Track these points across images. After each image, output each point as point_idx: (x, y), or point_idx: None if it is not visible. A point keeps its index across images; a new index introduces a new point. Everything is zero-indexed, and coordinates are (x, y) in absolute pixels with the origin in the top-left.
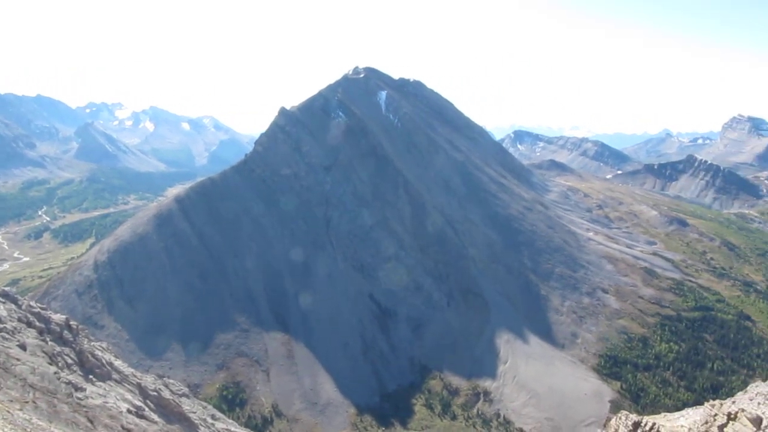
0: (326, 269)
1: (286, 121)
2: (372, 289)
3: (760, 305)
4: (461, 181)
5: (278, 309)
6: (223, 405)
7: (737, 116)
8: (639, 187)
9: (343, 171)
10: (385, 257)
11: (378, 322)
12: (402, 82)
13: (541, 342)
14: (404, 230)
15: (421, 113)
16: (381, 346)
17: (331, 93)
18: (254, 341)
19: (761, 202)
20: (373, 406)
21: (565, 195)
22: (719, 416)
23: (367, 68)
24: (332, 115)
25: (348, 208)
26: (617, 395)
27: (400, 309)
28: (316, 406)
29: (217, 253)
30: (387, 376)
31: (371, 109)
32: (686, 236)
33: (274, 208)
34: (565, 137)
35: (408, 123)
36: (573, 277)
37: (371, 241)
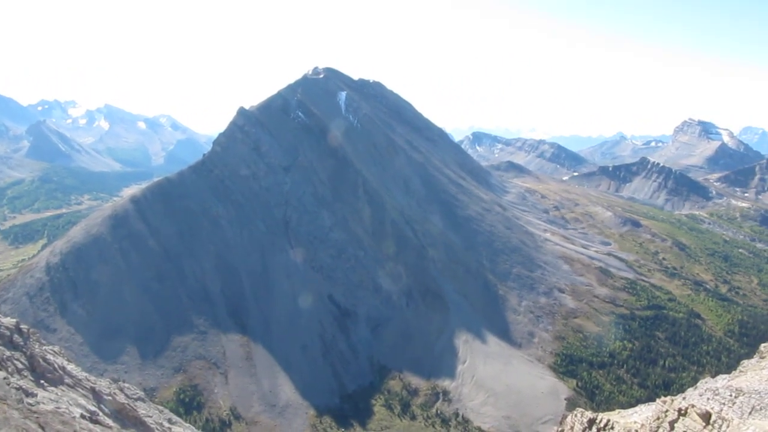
0: (285, 270)
1: (244, 121)
2: (331, 290)
3: (709, 303)
4: (421, 182)
5: (236, 310)
6: (180, 408)
7: (688, 120)
8: (594, 189)
9: (303, 172)
10: (345, 258)
11: (337, 322)
12: (362, 83)
13: (499, 341)
14: (364, 231)
15: (380, 114)
16: (340, 346)
17: (290, 93)
18: (212, 343)
19: (711, 203)
20: (332, 407)
21: (523, 196)
22: (670, 412)
23: (327, 68)
24: (292, 115)
25: (307, 209)
26: (573, 393)
27: (360, 309)
28: (275, 408)
29: (174, 254)
30: (346, 376)
31: (331, 109)
32: (639, 237)
33: (232, 209)
34: (523, 139)
35: (368, 124)
36: (530, 277)
37: (331, 241)
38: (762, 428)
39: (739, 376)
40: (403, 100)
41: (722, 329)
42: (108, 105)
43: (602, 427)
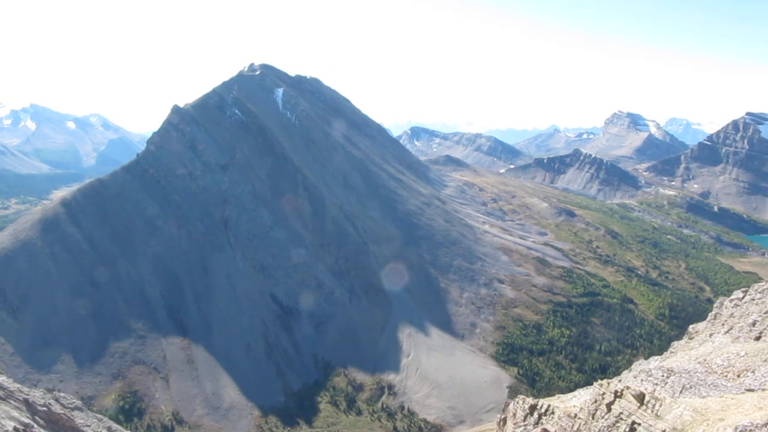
0: (225, 270)
1: (179, 119)
2: (273, 289)
3: (641, 289)
4: (360, 177)
5: (176, 313)
6: (120, 416)
7: (617, 112)
8: (530, 181)
9: (241, 170)
10: (286, 256)
11: (280, 321)
12: (299, 79)
13: (442, 333)
14: (304, 228)
15: (319, 110)
16: (284, 345)
17: (226, 90)
18: (151, 347)
19: (640, 192)
20: (278, 407)
21: (462, 189)
22: (607, 395)
23: (263, 65)
24: (228, 112)
25: (246, 207)
26: (515, 381)
27: (303, 307)
28: (218, 411)
29: (109, 257)
30: (291, 375)
31: (268, 106)
32: (574, 226)
33: (169, 210)
34: (461, 133)
35: (306, 120)
36: (471, 269)
37: (271, 240)
38: (692, 406)
39: (670, 357)
40: (341, 95)
41: (654, 313)
42: (34, 104)
43: (543, 413)
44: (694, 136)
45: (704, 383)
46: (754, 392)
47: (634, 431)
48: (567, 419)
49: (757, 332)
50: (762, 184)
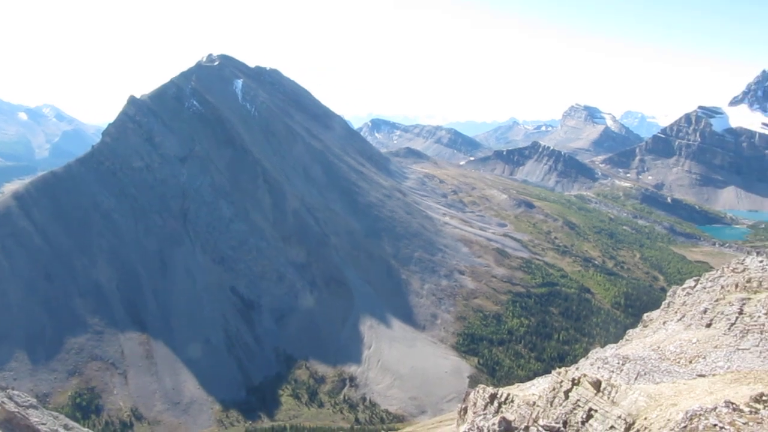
0: (185, 264)
1: (136, 110)
2: (234, 282)
3: (597, 278)
4: (321, 169)
5: (134, 308)
6: (77, 413)
7: (575, 105)
8: (490, 173)
9: (200, 162)
10: (247, 249)
11: (241, 314)
12: (258, 71)
13: (403, 325)
14: (265, 220)
15: (278, 102)
16: (245, 338)
17: (184, 81)
18: (109, 343)
19: (597, 184)
20: (239, 401)
21: (422, 181)
22: (565, 382)
23: (222, 55)
24: (186, 104)
25: (206, 200)
26: (475, 370)
27: (263, 300)
28: (178, 406)
29: (64, 251)
30: (252, 368)
31: (227, 97)
32: (533, 217)
33: (126, 203)
34: (421, 125)
35: (265, 112)
36: (431, 260)
37: (231, 232)
38: (646, 392)
39: (625, 345)
40: (301, 87)
41: (609, 302)
42: None
43: (503, 401)
44: (648, 128)
45: (658, 370)
46: (705, 377)
47: (590, 417)
48: (526, 407)
49: (708, 320)
50: (713, 176)
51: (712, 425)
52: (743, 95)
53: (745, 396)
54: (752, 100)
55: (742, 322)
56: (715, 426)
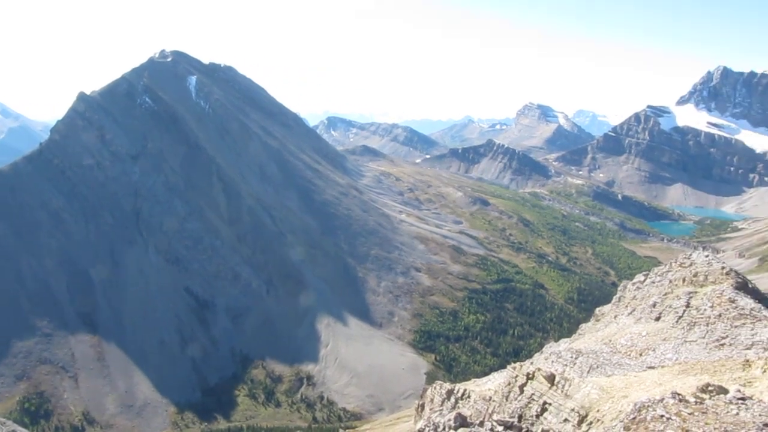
0: (137, 264)
1: (86, 107)
2: (188, 282)
3: (551, 274)
4: (277, 167)
5: (85, 309)
6: (25, 418)
7: (528, 104)
8: (446, 170)
9: (153, 160)
10: (201, 248)
11: (196, 315)
12: (213, 67)
13: (360, 323)
14: (220, 219)
15: (233, 99)
16: (200, 339)
17: (135, 77)
18: (58, 346)
19: (550, 181)
20: (194, 402)
21: (378, 179)
22: (520, 377)
23: (175, 51)
24: (138, 100)
25: (159, 198)
26: (432, 367)
27: (219, 300)
28: (132, 409)
29: (10, 252)
30: (208, 369)
31: (180, 94)
32: (488, 215)
33: (75, 202)
34: (377, 123)
35: (220, 109)
36: (388, 258)
37: (185, 232)
38: (599, 385)
39: (578, 339)
40: (257, 84)
41: (563, 297)
42: None
43: (460, 397)
44: (600, 127)
45: (610, 362)
46: (655, 369)
47: (545, 411)
48: (482, 402)
49: (657, 313)
50: (661, 174)
51: (659, 416)
52: (689, 95)
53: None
54: (698, 100)
55: (689, 315)
56: (662, 416)
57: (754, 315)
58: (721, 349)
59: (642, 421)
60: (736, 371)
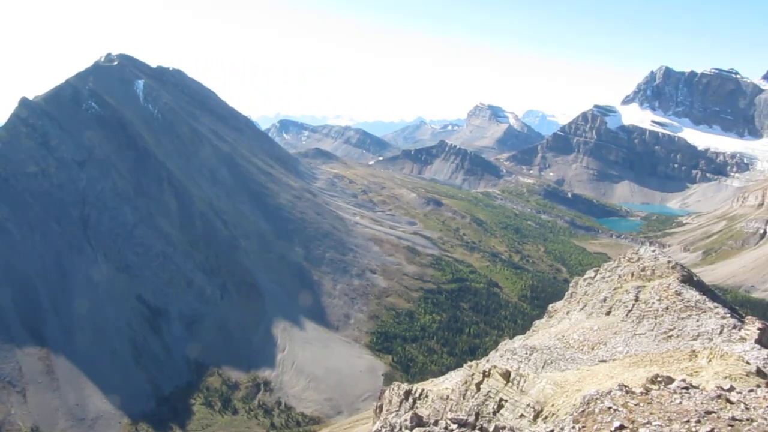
0: (86, 273)
1: (29, 112)
2: (140, 290)
3: (504, 272)
4: (228, 172)
5: (31, 321)
6: None
7: (479, 105)
8: (399, 172)
9: (100, 166)
10: (153, 255)
11: (148, 323)
12: (161, 71)
13: (317, 326)
14: (171, 225)
15: (182, 103)
16: (153, 348)
17: (81, 82)
18: (4, 360)
19: (502, 181)
20: (149, 413)
21: (332, 182)
22: (476, 375)
23: (122, 55)
24: (84, 105)
25: (108, 205)
26: (389, 368)
27: (172, 307)
28: (84, 422)
29: None
30: (162, 378)
31: (128, 99)
32: (442, 215)
33: (20, 211)
34: (329, 126)
35: (169, 113)
36: (343, 260)
37: (136, 239)
38: (553, 380)
39: (532, 336)
40: (206, 88)
41: (517, 295)
42: None
43: (417, 397)
44: (549, 127)
45: (563, 358)
46: (606, 363)
47: (501, 407)
48: (440, 401)
49: (607, 308)
50: (609, 172)
51: (606, 408)
52: (634, 94)
53: (642, 378)
54: (642, 99)
55: (638, 308)
56: (610, 408)
57: (699, 307)
58: (668, 341)
59: (591, 413)
60: (683, 362)
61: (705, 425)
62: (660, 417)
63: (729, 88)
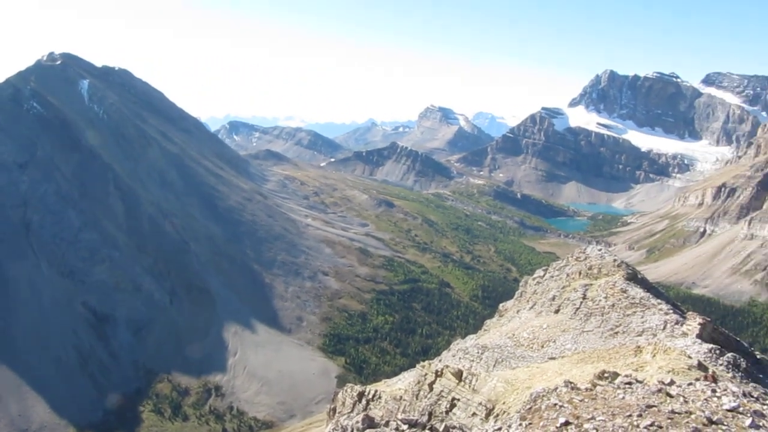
0: (28, 279)
1: None
2: (85, 296)
3: (456, 273)
4: (177, 174)
5: None
6: None
7: (430, 106)
8: (350, 174)
9: (43, 168)
10: (99, 259)
11: (94, 330)
12: (106, 71)
13: (269, 329)
14: (118, 229)
15: (130, 104)
16: (100, 355)
17: (22, 81)
18: None
19: (453, 182)
20: (95, 422)
21: (283, 184)
22: (429, 375)
23: (65, 54)
24: (25, 106)
25: (51, 209)
26: (343, 370)
27: (119, 313)
28: None
29: None
30: (109, 386)
31: (72, 99)
32: (393, 216)
33: None
34: (280, 127)
35: (115, 114)
36: (295, 263)
37: (81, 243)
38: (504, 377)
39: (483, 335)
40: (154, 88)
41: (468, 294)
42: None
43: (371, 399)
44: (498, 128)
45: (514, 356)
46: (556, 360)
47: (454, 406)
48: (393, 402)
49: (556, 306)
50: (556, 172)
51: (552, 404)
52: (580, 97)
53: (589, 374)
54: (588, 102)
55: (586, 306)
56: (555, 405)
57: (643, 303)
58: (615, 337)
59: (537, 410)
60: (629, 357)
61: (646, 419)
62: (604, 412)
63: (670, 91)
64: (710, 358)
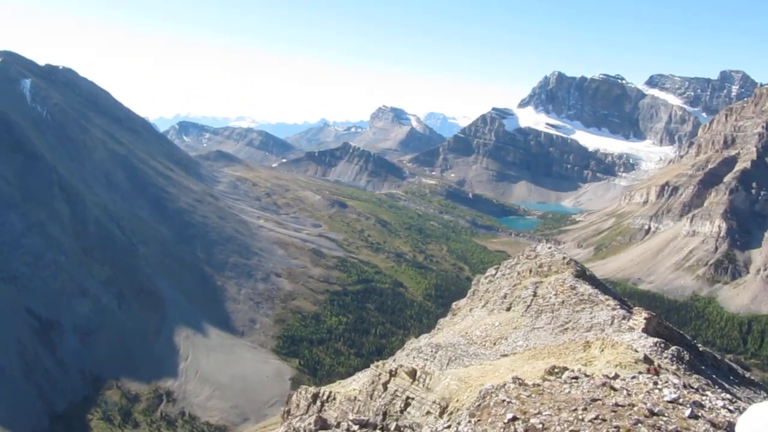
0: None
1: None
2: (29, 302)
3: (409, 272)
4: (125, 175)
5: None
6: None
7: (382, 107)
8: (303, 174)
9: None
10: (43, 264)
11: (39, 337)
12: (50, 69)
13: (221, 332)
14: (63, 232)
15: (75, 104)
16: (45, 363)
17: None
18: None
19: (405, 182)
20: None
21: (235, 185)
22: (383, 375)
23: (6, 52)
24: None
25: None
26: (297, 372)
27: (65, 319)
28: None
29: None
30: (55, 394)
31: (14, 98)
32: (346, 217)
33: None
34: (231, 128)
35: (60, 114)
36: (247, 264)
37: (24, 247)
38: (457, 375)
39: (437, 334)
40: (100, 88)
41: (421, 294)
42: None
43: (325, 400)
44: (450, 129)
45: (467, 354)
46: (508, 357)
47: (408, 405)
48: (348, 402)
49: (507, 304)
50: (507, 172)
51: (501, 401)
52: (530, 98)
53: (540, 370)
54: (537, 103)
55: (536, 303)
56: (504, 401)
57: (592, 300)
58: (565, 333)
59: (486, 407)
60: (578, 352)
61: (591, 412)
62: (550, 407)
63: (616, 92)
64: (656, 352)
